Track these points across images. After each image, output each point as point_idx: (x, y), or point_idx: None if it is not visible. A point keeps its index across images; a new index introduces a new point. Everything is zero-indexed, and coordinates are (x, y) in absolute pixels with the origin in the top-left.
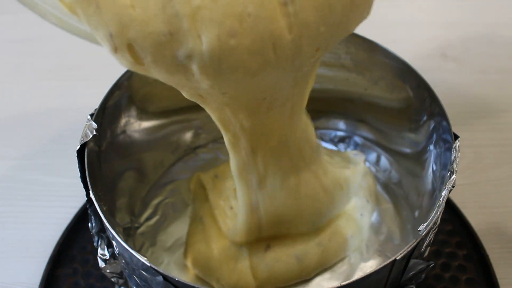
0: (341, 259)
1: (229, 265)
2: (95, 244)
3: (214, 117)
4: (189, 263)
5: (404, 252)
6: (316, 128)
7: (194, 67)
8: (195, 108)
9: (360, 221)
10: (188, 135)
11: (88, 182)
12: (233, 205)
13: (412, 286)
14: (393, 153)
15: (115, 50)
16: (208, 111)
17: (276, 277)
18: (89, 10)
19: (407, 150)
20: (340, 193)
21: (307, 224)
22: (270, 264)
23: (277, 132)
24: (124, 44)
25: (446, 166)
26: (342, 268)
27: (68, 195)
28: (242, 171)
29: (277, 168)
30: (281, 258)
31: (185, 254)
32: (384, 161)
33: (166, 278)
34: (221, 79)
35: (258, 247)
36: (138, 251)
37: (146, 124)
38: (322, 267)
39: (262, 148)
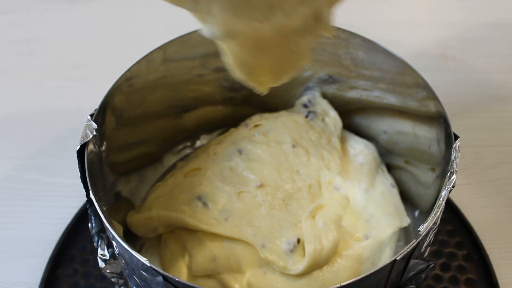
0: None
1: None
2: (95, 244)
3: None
4: None
5: (404, 252)
6: None
7: None
8: (195, 108)
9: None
10: (188, 135)
11: (88, 182)
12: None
13: (412, 286)
14: (393, 153)
15: None
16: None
17: None
18: None
19: (407, 150)
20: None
21: None
22: None
23: None
24: None
25: (446, 166)
26: None
27: (68, 195)
28: None
29: None
30: None
31: None
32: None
33: (166, 278)
34: None
35: None
36: (138, 252)
37: (146, 124)
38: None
39: None
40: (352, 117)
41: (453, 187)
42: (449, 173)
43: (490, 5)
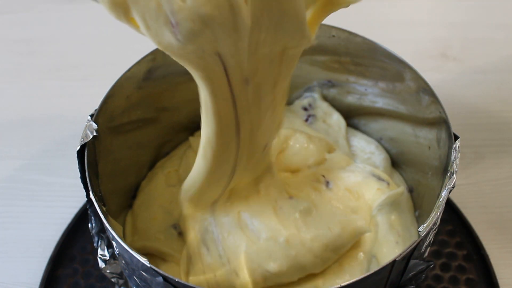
0: None
1: None
2: (95, 244)
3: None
4: None
5: (404, 253)
6: None
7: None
8: (193, 108)
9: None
10: (188, 135)
11: (88, 182)
12: None
13: (412, 286)
14: (393, 154)
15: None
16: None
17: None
18: None
19: (407, 150)
20: None
21: None
22: None
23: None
24: None
25: (446, 166)
26: None
27: (68, 195)
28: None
29: None
30: None
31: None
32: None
33: (166, 278)
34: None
35: None
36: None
37: (146, 124)
38: None
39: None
40: (352, 123)
41: (453, 187)
42: (449, 173)
43: (490, 5)
